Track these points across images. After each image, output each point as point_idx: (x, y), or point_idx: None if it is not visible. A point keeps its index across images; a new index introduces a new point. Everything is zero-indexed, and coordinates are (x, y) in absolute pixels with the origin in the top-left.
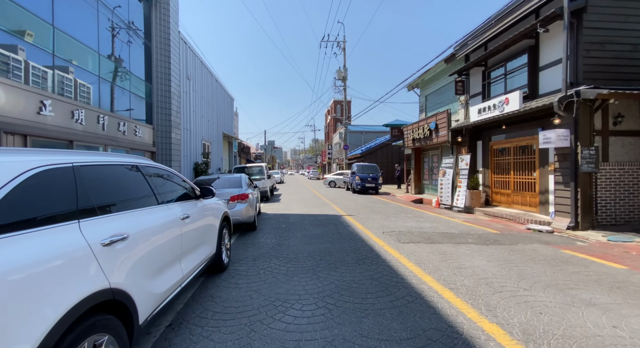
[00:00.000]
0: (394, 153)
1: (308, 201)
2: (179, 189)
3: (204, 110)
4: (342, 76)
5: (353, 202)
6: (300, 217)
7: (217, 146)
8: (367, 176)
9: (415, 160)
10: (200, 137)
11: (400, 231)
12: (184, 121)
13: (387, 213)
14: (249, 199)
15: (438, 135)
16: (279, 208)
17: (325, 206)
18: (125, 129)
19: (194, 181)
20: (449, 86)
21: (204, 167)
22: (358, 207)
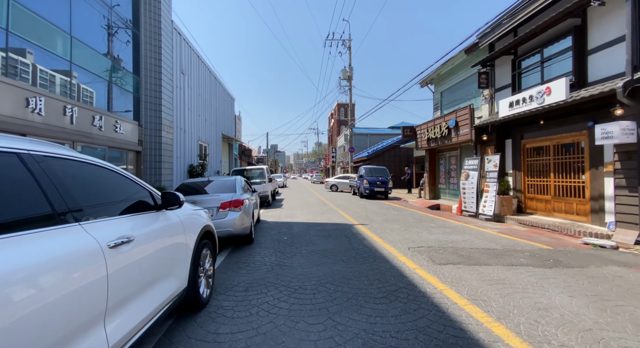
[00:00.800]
0: (401, 155)
1: (313, 207)
2: (122, 196)
3: (201, 108)
4: (347, 76)
5: (363, 208)
6: (305, 226)
7: (216, 148)
8: (376, 180)
9: (429, 162)
10: (196, 137)
11: (430, 246)
12: (177, 119)
13: (405, 222)
14: (244, 207)
15: (458, 134)
16: (280, 215)
17: (332, 212)
18: (102, 124)
19: (180, 184)
20: (470, 79)
21: (200, 170)
22: (369, 214)
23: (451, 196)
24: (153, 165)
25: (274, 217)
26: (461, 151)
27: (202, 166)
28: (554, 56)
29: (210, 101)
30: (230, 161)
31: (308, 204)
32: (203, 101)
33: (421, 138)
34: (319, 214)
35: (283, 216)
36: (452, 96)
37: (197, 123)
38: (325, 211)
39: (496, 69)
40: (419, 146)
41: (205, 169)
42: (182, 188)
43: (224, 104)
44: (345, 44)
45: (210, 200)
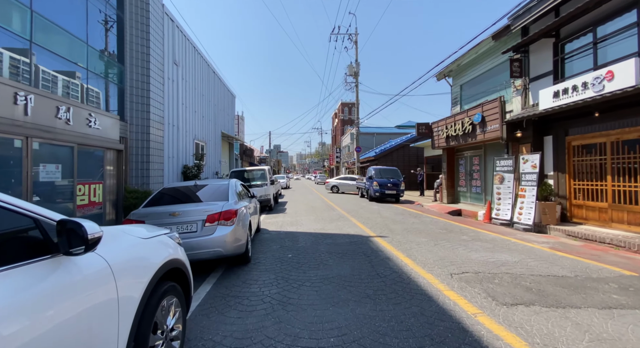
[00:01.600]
0: (411, 155)
1: (320, 212)
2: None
3: (197, 104)
4: (353, 71)
5: (376, 214)
6: (312, 238)
7: (215, 147)
8: (386, 182)
9: (447, 163)
10: (192, 135)
11: (477, 271)
12: (169, 114)
13: (431, 232)
14: (238, 219)
15: (485, 130)
16: (284, 222)
17: (343, 219)
18: (70, 117)
19: (158, 191)
20: (497, 69)
21: (196, 171)
22: (386, 222)
23: (473, 200)
24: (140, 166)
25: (276, 225)
26: (486, 150)
27: (198, 166)
28: (611, 35)
29: (208, 96)
30: (231, 162)
31: (314, 208)
32: (200, 96)
33: (438, 136)
34: (328, 222)
35: (286, 223)
36: (474, 89)
37: (193, 120)
38: (334, 217)
39: (531, 55)
40: (435, 144)
41: (201, 170)
42: (160, 196)
43: (224, 100)
44: (352, 38)
45: (194, 211)
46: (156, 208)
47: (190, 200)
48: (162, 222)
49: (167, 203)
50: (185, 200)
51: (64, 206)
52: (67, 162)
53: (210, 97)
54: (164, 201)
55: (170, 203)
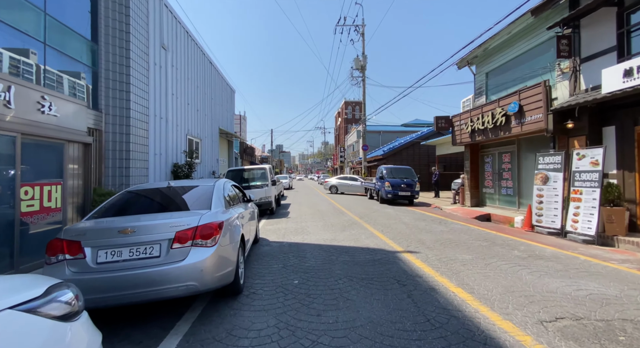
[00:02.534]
0: (422, 154)
1: (328, 217)
2: None
3: (191, 96)
4: (360, 65)
5: (394, 219)
6: (323, 254)
7: (211, 145)
8: (400, 182)
9: (471, 161)
10: (183, 130)
11: (578, 316)
12: (156, 105)
13: (471, 245)
14: (223, 235)
15: (523, 122)
16: (287, 230)
17: (357, 227)
18: (11, 98)
19: (118, 195)
20: (534, 51)
21: (187, 170)
22: (409, 230)
23: (503, 203)
24: (119, 164)
25: (278, 233)
26: (520, 145)
27: (190, 165)
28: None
29: (204, 88)
30: (230, 161)
31: (321, 212)
32: (193, 87)
33: (461, 131)
34: (339, 229)
35: (290, 231)
36: (504, 77)
37: (186, 113)
38: (345, 224)
39: (582, 31)
40: (457, 140)
41: (193, 169)
42: (118, 202)
43: (222, 94)
44: (358, 29)
45: (157, 227)
46: (103, 220)
47: (159, 208)
48: (109, 243)
49: (125, 212)
50: (152, 209)
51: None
52: (6, 157)
53: (206, 89)
54: (121, 210)
55: (130, 213)
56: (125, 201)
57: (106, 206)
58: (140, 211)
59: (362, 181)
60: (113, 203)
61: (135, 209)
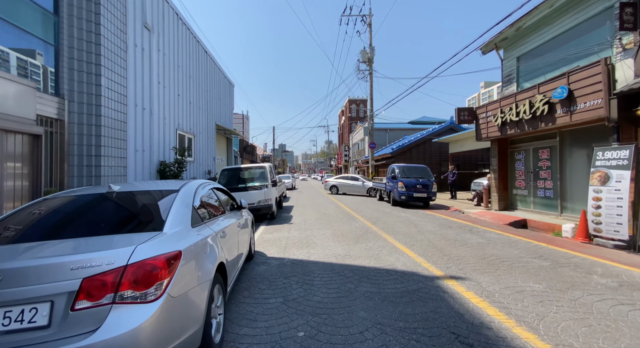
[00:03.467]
0: (433, 152)
1: (337, 223)
2: None
3: (182, 86)
4: (367, 57)
5: (413, 226)
6: (337, 279)
7: (207, 142)
8: (415, 183)
9: (498, 158)
10: (173, 124)
11: None
12: (137, 93)
13: (530, 267)
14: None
15: (573, 109)
16: (289, 241)
17: (373, 236)
18: None
19: (14, 211)
20: (584, 26)
21: (176, 169)
22: (438, 242)
23: (540, 207)
24: (86, 161)
25: (278, 246)
26: (563, 139)
27: (180, 164)
28: None
29: (198, 79)
30: (229, 159)
31: (327, 217)
32: (185, 77)
33: (487, 124)
34: (352, 240)
35: (293, 242)
36: (541, 60)
37: (176, 105)
38: (359, 232)
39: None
40: (482, 134)
41: (183, 168)
42: (15, 218)
43: (219, 87)
44: (365, 20)
45: (43, 270)
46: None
47: (78, 231)
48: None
49: (18, 236)
50: (66, 230)
51: None
52: None
53: (200, 80)
54: (14, 232)
55: (24, 238)
56: (28, 217)
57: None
58: (46, 234)
59: (363, 181)
60: (6, 219)
61: (37, 232)
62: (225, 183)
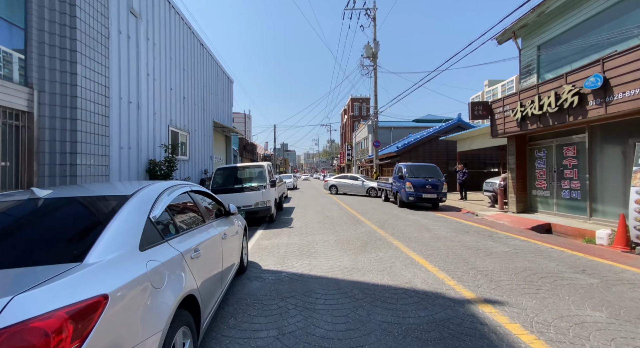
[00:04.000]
0: (440, 150)
1: (341, 227)
2: None
3: (175, 80)
4: (371, 52)
5: (426, 231)
6: (346, 302)
7: (203, 140)
8: (424, 183)
9: (517, 156)
10: (164, 120)
11: None
12: (122, 85)
13: (579, 287)
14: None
15: (609, 100)
16: (288, 248)
17: (382, 243)
18: None
19: None
20: (619, 7)
21: (167, 169)
22: (461, 251)
23: (565, 209)
24: (59, 159)
25: (275, 255)
26: (592, 134)
27: (170, 162)
28: None
29: (194, 73)
30: (228, 158)
31: (330, 219)
32: (179, 69)
33: (504, 119)
34: (360, 248)
35: (293, 251)
36: (566, 48)
37: (167, 100)
38: (366, 238)
39: None
40: (498, 131)
41: (174, 167)
42: None
43: (218, 83)
44: (369, 13)
45: None
46: None
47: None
48: None
49: None
50: None
51: None
52: None
53: (196, 75)
54: None
55: None
56: None
57: None
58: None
59: (363, 181)
60: None
61: None
62: (220, 183)
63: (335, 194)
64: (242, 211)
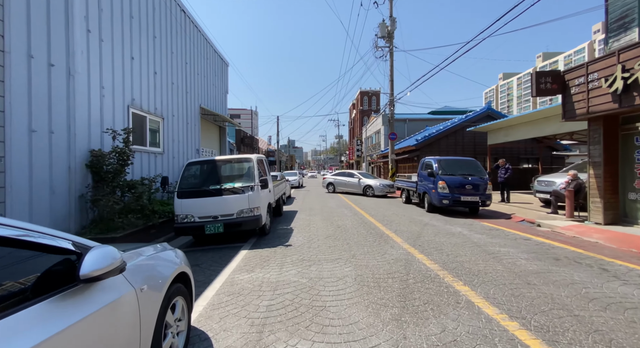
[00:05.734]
0: (466, 143)
1: (360, 249)
2: None
3: (139, 47)
4: (386, 31)
5: (494, 259)
6: None
7: (185, 128)
8: (462, 182)
9: (605, 145)
10: (121, 97)
11: None
12: (32, 35)
13: None
14: None
15: None
16: (274, 300)
17: (435, 287)
18: None
19: None
20: None
21: (118, 163)
22: (591, 315)
23: None
24: None
25: (248, 319)
26: None
27: (122, 155)
28: None
29: (171, 44)
30: (223, 152)
31: (343, 232)
32: (145, 35)
33: (589, 92)
34: (399, 301)
35: (280, 309)
36: None
37: (127, 72)
38: (403, 272)
39: None
40: (576, 110)
41: (128, 160)
42: None
43: (207, 63)
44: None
45: None
46: None
47: None
48: None
49: None
50: None
51: None
52: None
53: (175, 47)
54: None
55: None
56: None
57: None
58: None
59: (359, 178)
60: None
61: None
62: (190, 183)
63: (332, 193)
64: (219, 222)
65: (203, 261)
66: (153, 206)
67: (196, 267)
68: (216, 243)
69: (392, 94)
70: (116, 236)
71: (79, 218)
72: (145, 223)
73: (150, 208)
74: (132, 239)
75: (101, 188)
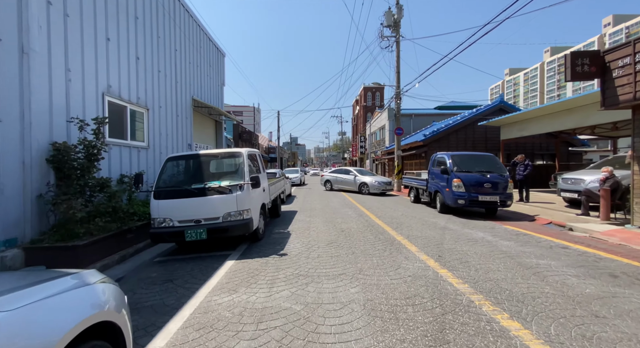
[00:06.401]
0: (476, 138)
1: (369, 262)
2: None
3: (116, 27)
4: (392, 20)
5: (536, 275)
6: None
7: (176, 121)
8: (480, 179)
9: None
10: (95, 83)
11: None
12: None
13: None
14: None
15: None
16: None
17: (472, 322)
18: None
19: None
20: None
21: (85, 158)
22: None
23: None
24: None
25: None
26: None
27: (90, 149)
28: None
29: (157, 28)
30: (219, 147)
31: (348, 237)
32: (125, 14)
33: (637, 75)
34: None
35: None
36: None
37: (101, 54)
38: (422, 295)
39: None
40: (619, 96)
41: (97, 155)
42: None
43: (200, 52)
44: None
45: None
46: None
47: None
48: None
49: None
50: None
51: None
52: None
53: (163, 33)
54: None
55: None
56: None
57: None
58: None
59: (355, 175)
60: None
61: None
62: (169, 181)
63: (333, 191)
64: (202, 227)
65: (179, 276)
66: (131, 207)
67: (169, 284)
68: (201, 250)
69: (398, 86)
70: (79, 245)
71: (37, 222)
72: (119, 227)
73: (124, 210)
74: (102, 246)
75: (65, 187)
